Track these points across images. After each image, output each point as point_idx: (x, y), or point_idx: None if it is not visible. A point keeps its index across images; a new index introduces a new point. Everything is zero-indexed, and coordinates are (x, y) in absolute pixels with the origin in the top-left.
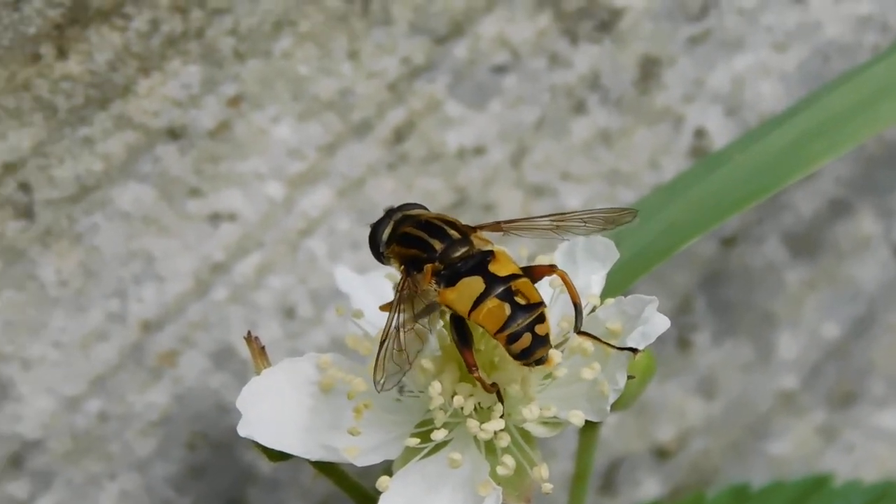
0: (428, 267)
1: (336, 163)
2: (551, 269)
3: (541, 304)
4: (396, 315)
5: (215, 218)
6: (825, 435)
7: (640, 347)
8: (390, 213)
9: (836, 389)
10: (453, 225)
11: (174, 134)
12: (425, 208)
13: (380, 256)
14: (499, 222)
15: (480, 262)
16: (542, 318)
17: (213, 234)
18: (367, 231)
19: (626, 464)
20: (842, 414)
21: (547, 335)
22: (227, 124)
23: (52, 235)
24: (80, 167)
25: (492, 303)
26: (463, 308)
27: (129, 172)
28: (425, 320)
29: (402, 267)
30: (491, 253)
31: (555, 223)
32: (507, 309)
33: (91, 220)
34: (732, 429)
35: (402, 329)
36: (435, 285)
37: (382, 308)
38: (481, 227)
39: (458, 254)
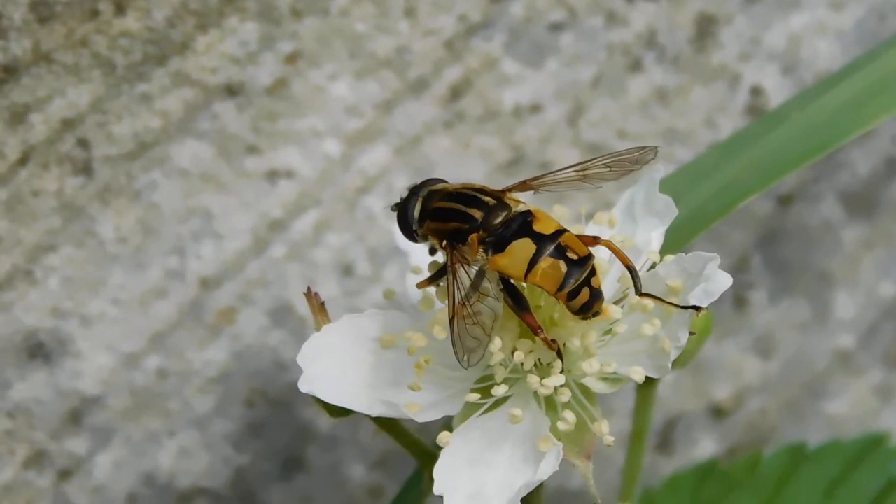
0: (473, 237)
1: (393, 120)
2: (594, 239)
3: (590, 256)
4: (456, 290)
5: (273, 175)
6: (882, 394)
7: (703, 305)
8: (415, 190)
9: (892, 348)
10: (483, 191)
11: (232, 91)
12: (446, 181)
13: (413, 235)
14: (525, 181)
15: (524, 224)
16: (594, 272)
17: (271, 192)
18: (394, 213)
19: (683, 422)
20: None
21: (600, 288)
22: (284, 81)
23: (110, 192)
24: (139, 124)
25: (546, 262)
26: (517, 272)
27: (187, 129)
28: (488, 288)
29: (444, 242)
30: (530, 213)
31: (580, 172)
32: (563, 266)
33: (149, 177)
34: (789, 388)
35: (467, 303)
36: (483, 253)
37: (420, 285)
38: (509, 190)
39: (499, 219)
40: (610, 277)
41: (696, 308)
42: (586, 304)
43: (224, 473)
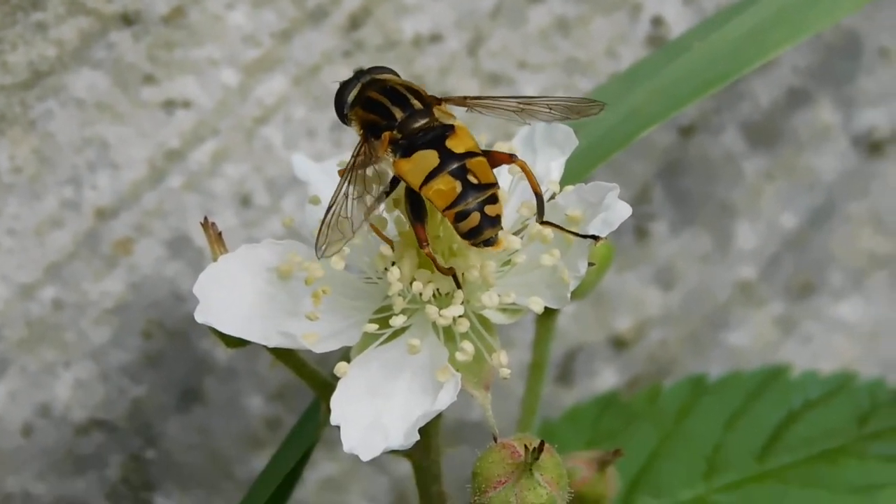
0: (386, 135)
1: (291, 50)
2: (510, 157)
3: (494, 184)
4: (347, 182)
5: (170, 105)
6: (783, 326)
7: (603, 235)
8: (359, 74)
9: (793, 280)
10: (418, 94)
11: (128, 20)
12: (396, 74)
13: (343, 118)
14: (465, 97)
15: (439, 136)
16: (493, 199)
17: (168, 122)
18: (331, 101)
19: (583, 353)
20: (800, 305)
21: (498, 217)
22: (181, 10)
23: (5, 121)
24: (34, 53)
25: (443, 178)
26: (415, 180)
27: (83, 59)
28: (376, 188)
29: (361, 131)
30: (451, 128)
31: (521, 106)
32: (459, 186)
33: (44, 107)
34: (690, 319)
35: (349, 197)
36: (391, 154)
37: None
38: (447, 100)
39: (417, 125)
40: (510, 206)
41: (595, 237)
42: (475, 228)
43: (121, 405)
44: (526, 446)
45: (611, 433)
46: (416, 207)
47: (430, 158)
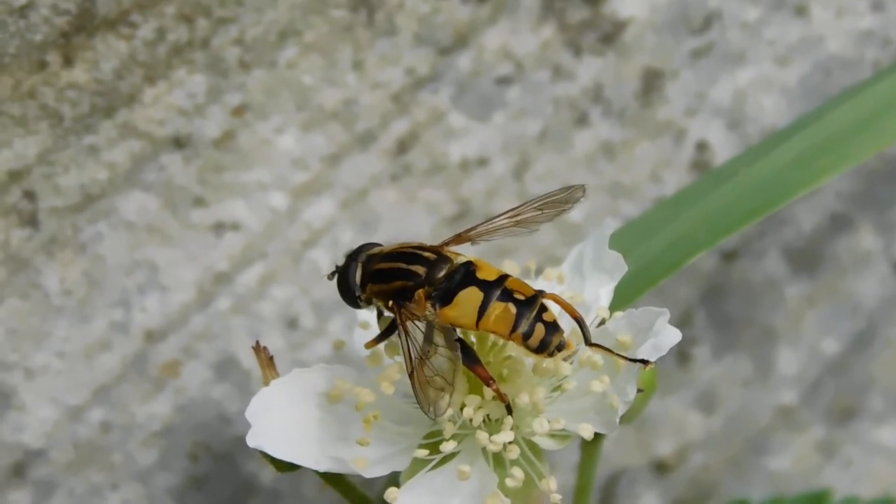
0: (419, 293)
1: (339, 173)
2: (539, 293)
3: (538, 293)
4: (410, 346)
5: (219, 228)
6: (824, 450)
7: (652, 360)
8: (353, 255)
9: (835, 405)
10: (422, 248)
11: (179, 143)
12: (381, 245)
13: (355, 301)
14: (460, 234)
15: (467, 273)
16: (544, 308)
17: (217, 244)
18: (332, 280)
19: (626, 477)
20: (841, 429)
21: (556, 321)
22: (231, 134)
23: (56, 244)
24: (85, 176)
25: (496, 307)
26: (469, 321)
27: (134, 181)
28: (441, 341)
29: (391, 303)
30: (471, 263)
31: (513, 219)
32: (513, 308)
33: (95, 229)
34: (732, 443)
35: (425, 357)
36: (431, 308)
37: (368, 345)
38: (446, 244)
39: (442, 272)
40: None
41: (645, 362)
42: (544, 339)
43: None
44: None
45: None
46: (465, 351)
47: (473, 296)
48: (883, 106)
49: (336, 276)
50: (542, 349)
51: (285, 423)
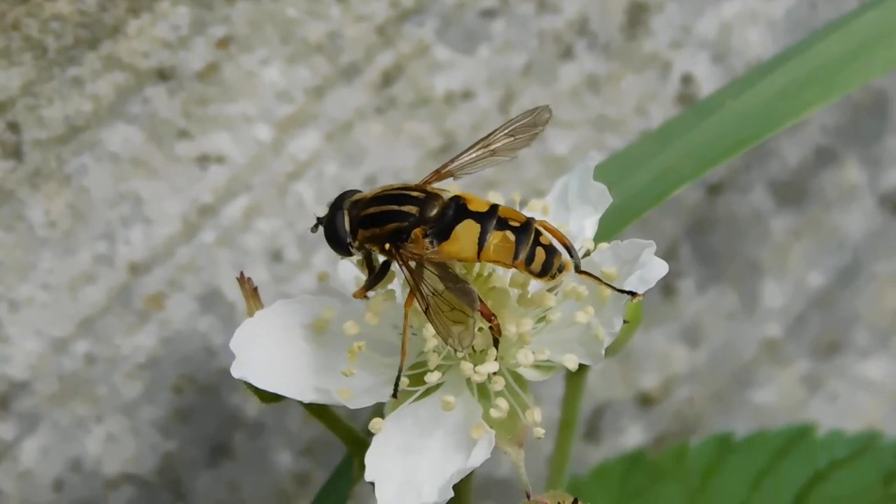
0: (416, 232)
1: (324, 106)
2: (528, 220)
3: (531, 219)
4: (419, 284)
5: (203, 160)
6: (809, 384)
7: (640, 292)
8: (337, 204)
9: (820, 339)
10: (407, 188)
11: (163, 75)
12: (360, 191)
13: (346, 249)
14: (438, 170)
15: (459, 208)
16: (539, 232)
17: (202, 177)
18: (316, 232)
19: (610, 411)
20: (826, 363)
21: (551, 244)
22: (215, 66)
23: (40, 176)
24: (69, 108)
25: (494, 237)
26: (470, 254)
27: (118, 113)
28: (448, 274)
29: (387, 246)
30: (459, 197)
31: (489, 148)
32: (511, 236)
33: (80, 161)
34: (717, 377)
35: (437, 294)
36: (429, 246)
37: (358, 294)
38: (428, 182)
39: (435, 209)
40: None
41: (632, 293)
42: (546, 262)
43: (151, 460)
44: (560, 503)
45: (638, 491)
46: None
47: (471, 228)
48: (868, 38)
49: (323, 227)
50: (544, 272)
51: (270, 354)
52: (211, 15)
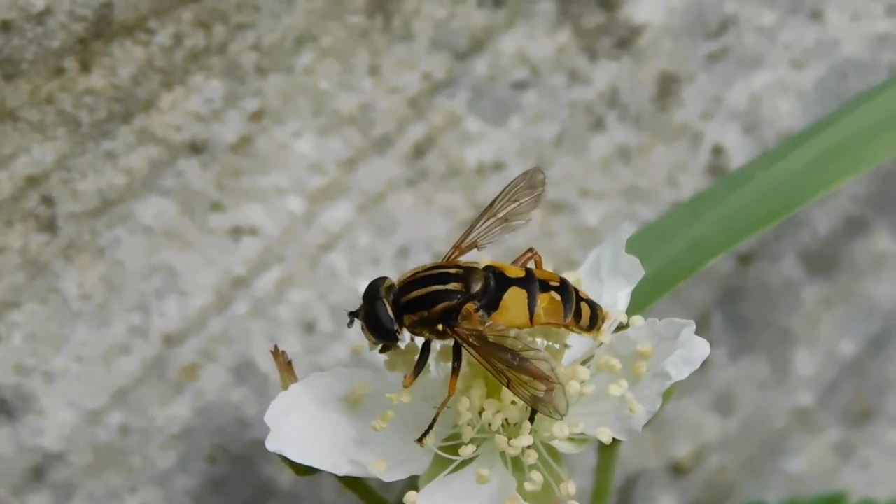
0: (468, 307)
1: (356, 178)
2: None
3: (562, 278)
4: (493, 361)
5: (236, 232)
6: (841, 452)
7: (683, 373)
8: (373, 294)
9: (851, 407)
10: (442, 266)
11: (196, 148)
12: (388, 278)
13: (394, 336)
14: (458, 245)
15: (499, 277)
16: (575, 288)
17: (235, 249)
18: (352, 327)
19: (643, 480)
20: (857, 431)
21: (589, 298)
22: (248, 139)
23: (74, 249)
24: (103, 181)
25: (543, 300)
26: (523, 320)
27: (152, 186)
28: (535, 343)
29: (440, 327)
30: (492, 267)
31: (499, 217)
32: (556, 296)
33: (113, 234)
34: (748, 445)
35: (519, 366)
36: (482, 319)
37: (406, 384)
38: (453, 257)
39: (479, 283)
40: (579, 338)
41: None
42: (591, 315)
43: None
44: None
45: None
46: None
47: (518, 295)
48: None
49: (363, 319)
50: (592, 326)
51: (304, 427)
52: (243, 88)
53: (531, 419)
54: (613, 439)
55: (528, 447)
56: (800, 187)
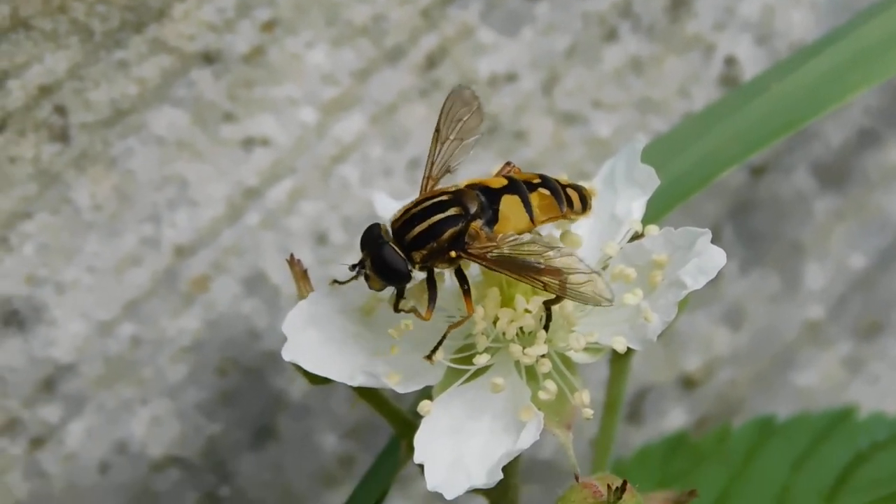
0: (474, 227)
1: (369, 89)
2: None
3: (541, 174)
4: (522, 269)
5: (249, 143)
6: (850, 366)
7: (699, 282)
8: (375, 240)
9: (861, 320)
10: (432, 196)
11: (209, 58)
12: (378, 223)
13: (408, 275)
14: (428, 176)
15: (488, 191)
16: (555, 178)
17: (247, 160)
18: (358, 276)
19: (653, 393)
20: (867, 345)
21: (569, 181)
22: (261, 49)
23: (86, 159)
24: (116, 91)
25: (535, 199)
26: (525, 224)
27: (164, 97)
28: (551, 240)
29: (453, 253)
30: (474, 184)
31: (453, 141)
32: (547, 191)
33: (126, 144)
34: (759, 359)
35: (544, 265)
36: (487, 235)
37: (426, 317)
38: (430, 188)
39: (474, 202)
40: (590, 247)
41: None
42: (581, 197)
43: (196, 442)
44: (609, 486)
45: (681, 473)
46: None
47: (513, 202)
48: None
49: (373, 266)
50: (585, 206)
51: (321, 338)
52: None
53: (546, 328)
54: (627, 349)
55: (543, 356)
56: (813, 99)
